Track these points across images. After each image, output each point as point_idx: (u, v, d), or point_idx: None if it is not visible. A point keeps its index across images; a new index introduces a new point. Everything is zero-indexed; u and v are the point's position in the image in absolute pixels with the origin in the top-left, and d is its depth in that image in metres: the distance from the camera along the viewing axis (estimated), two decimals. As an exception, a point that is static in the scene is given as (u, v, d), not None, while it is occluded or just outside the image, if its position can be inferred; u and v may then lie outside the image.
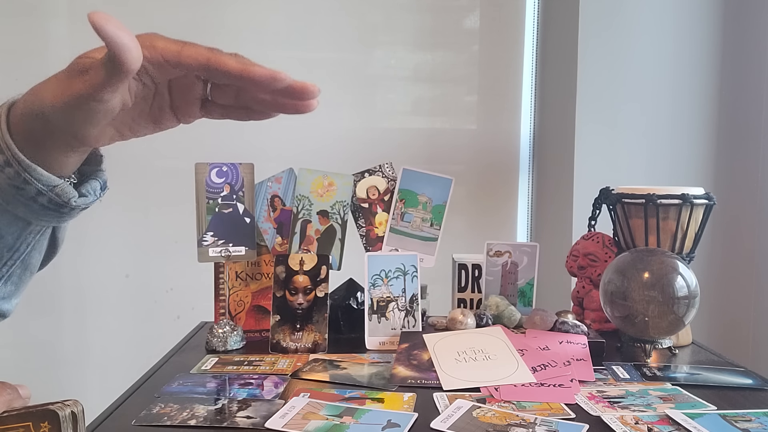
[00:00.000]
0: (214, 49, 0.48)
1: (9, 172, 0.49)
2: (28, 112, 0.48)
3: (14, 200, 0.50)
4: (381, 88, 1.86)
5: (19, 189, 0.50)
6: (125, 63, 0.43)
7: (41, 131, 0.49)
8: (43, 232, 0.55)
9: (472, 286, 1.14)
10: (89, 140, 0.50)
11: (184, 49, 0.47)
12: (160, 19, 1.73)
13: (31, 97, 0.49)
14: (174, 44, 0.47)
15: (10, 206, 0.51)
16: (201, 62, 0.47)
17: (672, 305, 0.92)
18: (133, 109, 0.51)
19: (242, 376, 0.88)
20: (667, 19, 1.56)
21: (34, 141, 0.49)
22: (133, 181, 1.72)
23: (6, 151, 0.49)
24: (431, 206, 1.10)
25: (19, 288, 0.57)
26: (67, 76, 0.47)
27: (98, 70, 0.45)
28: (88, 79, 0.45)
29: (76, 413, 0.45)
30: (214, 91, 0.54)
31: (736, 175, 1.58)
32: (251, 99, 0.53)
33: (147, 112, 0.53)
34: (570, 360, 0.90)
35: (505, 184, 1.88)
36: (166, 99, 0.53)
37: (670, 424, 0.71)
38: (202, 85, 0.53)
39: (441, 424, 0.70)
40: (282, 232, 1.08)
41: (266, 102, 0.53)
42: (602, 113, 1.56)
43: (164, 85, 0.52)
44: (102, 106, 0.46)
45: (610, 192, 1.13)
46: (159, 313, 1.77)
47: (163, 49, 0.47)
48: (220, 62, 0.47)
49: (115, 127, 0.52)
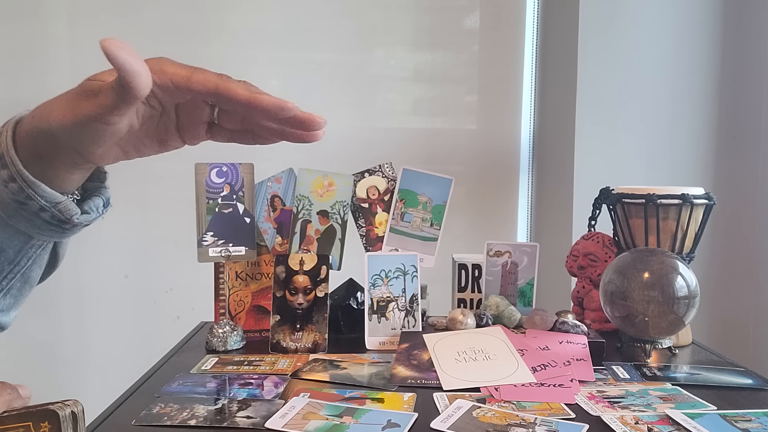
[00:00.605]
0: (223, 76, 0.48)
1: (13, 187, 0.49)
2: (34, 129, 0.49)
3: (17, 215, 0.51)
4: (381, 88, 1.86)
5: (22, 204, 0.50)
6: (135, 89, 0.43)
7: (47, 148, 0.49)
8: (44, 247, 0.56)
9: (472, 286, 1.14)
10: (94, 159, 0.51)
11: (193, 75, 0.47)
12: (161, 21, 1.73)
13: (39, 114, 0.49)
14: (183, 69, 0.47)
15: (13, 220, 0.51)
16: (210, 89, 0.47)
17: (672, 305, 0.92)
18: (139, 130, 0.52)
19: (242, 376, 0.88)
20: (667, 19, 1.56)
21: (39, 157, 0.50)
22: (132, 181, 1.72)
23: (11, 166, 0.49)
24: (431, 206, 1.10)
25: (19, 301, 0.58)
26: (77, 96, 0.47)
27: (108, 94, 0.45)
28: (98, 101, 0.46)
29: (76, 413, 0.45)
30: (221, 115, 0.54)
31: (736, 175, 1.58)
32: (257, 125, 0.53)
33: (153, 134, 0.53)
34: (570, 360, 0.90)
35: (505, 184, 1.88)
36: (172, 121, 0.53)
37: (670, 424, 0.71)
38: (209, 108, 0.54)
39: (441, 424, 0.70)
40: (282, 232, 1.08)
41: (272, 129, 0.53)
42: (602, 113, 1.56)
43: (171, 107, 0.52)
44: (109, 128, 0.47)
45: (610, 192, 1.13)
46: (159, 313, 1.77)
47: (173, 75, 0.47)
48: (229, 89, 0.47)
49: (121, 147, 0.52)
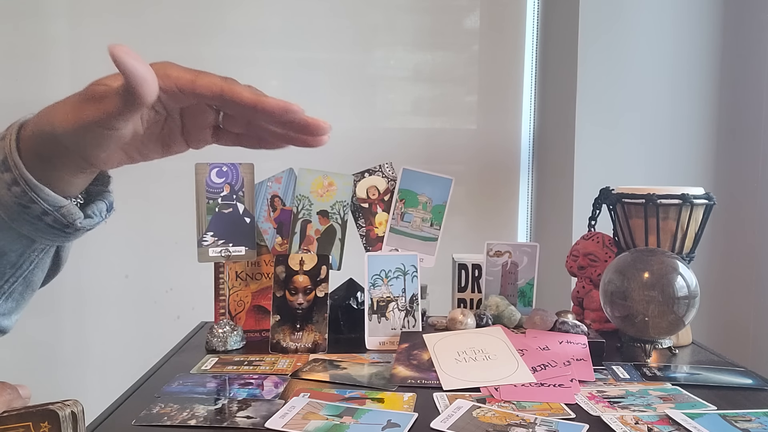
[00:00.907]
0: (229, 79, 0.48)
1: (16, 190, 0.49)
2: (38, 133, 0.49)
3: (20, 218, 0.51)
4: (381, 88, 1.86)
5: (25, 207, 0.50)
6: (142, 95, 0.43)
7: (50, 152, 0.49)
8: (46, 251, 0.56)
9: (472, 286, 1.14)
10: (98, 163, 0.51)
11: (198, 79, 0.47)
12: (161, 21, 1.73)
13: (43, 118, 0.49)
14: (188, 73, 0.47)
15: (15, 224, 0.51)
16: (215, 92, 0.47)
17: (672, 305, 0.92)
18: (143, 135, 0.51)
19: (242, 376, 0.88)
20: (667, 19, 1.56)
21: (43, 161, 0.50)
22: (133, 181, 1.71)
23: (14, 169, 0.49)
24: (431, 206, 1.10)
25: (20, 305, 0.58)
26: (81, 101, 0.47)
27: (113, 99, 0.45)
28: (102, 107, 0.46)
29: (76, 413, 0.45)
30: (226, 119, 0.54)
31: (736, 175, 1.58)
32: (262, 129, 0.53)
33: (158, 138, 0.53)
34: (570, 360, 0.90)
35: (505, 184, 1.88)
36: (177, 125, 0.53)
37: (670, 424, 0.71)
38: (214, 112, 0.53)
39: (441, 424, 0.70)
40: (282, 232, 1.08)
41: (277, 134, 0.52)
42: (602, 113, 1.56)
43: (176, 112, 0.52)
44: (114, 133, 0.47)
45: (610, 192, 1.13)
46: (159, 313, 1.77)
47: (177, 78, 0.47)
48: (234, 93, 0.47)
49: (125, 151, 0.52)
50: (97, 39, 1.73)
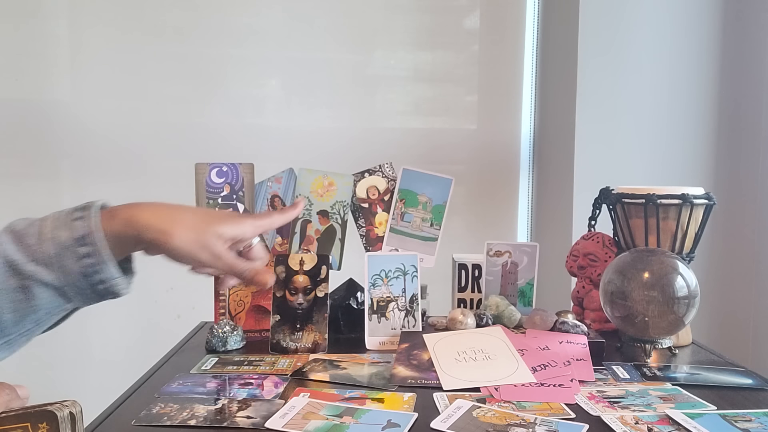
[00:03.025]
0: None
1: (87, 262, 0.55)
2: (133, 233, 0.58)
3: (74, 283, 0.55)
4: (381, 88, 1.86)
5: (86, 277, 0.55)
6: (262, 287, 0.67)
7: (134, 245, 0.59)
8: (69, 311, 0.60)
9: (472, 286, 1.13)
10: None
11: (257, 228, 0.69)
12: (162, 21, 1.73)
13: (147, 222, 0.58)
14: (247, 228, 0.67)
15: (67, 287, 0.56)
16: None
17: (672, 305, 0.92)
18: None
19: (242, 376, 0.88)
20: (668, 19, 1.56)
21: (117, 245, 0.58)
22: (133, 180, 1.72)
23: (92, 245, 0.55)
24: (431, 206, 1.10)
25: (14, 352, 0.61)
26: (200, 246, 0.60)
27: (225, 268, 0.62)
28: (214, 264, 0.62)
29: (75, 414, 0.45)
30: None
31: (736, 175, 1.57)
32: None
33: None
34: (570, 360, 0.90)
35: (505, 184, 1.88)
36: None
37: (670, 424, 0.71)
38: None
39: (441, 424, 0.70)
40: (282, 232, 1.08)
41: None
42: (602, 113, 1.56)
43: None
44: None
45: (610, 192, 1.13)
46: (159, 313, 1.77)
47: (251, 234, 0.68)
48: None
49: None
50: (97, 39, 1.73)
